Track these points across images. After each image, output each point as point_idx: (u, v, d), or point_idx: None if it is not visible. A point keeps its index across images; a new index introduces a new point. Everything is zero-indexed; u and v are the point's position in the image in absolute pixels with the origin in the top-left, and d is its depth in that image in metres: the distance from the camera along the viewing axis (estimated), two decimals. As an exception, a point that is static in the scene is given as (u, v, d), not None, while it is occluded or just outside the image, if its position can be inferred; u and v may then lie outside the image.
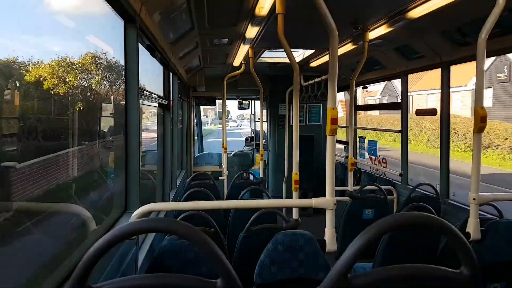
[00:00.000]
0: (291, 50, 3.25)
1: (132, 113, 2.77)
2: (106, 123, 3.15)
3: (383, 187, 4.95)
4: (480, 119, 2.80)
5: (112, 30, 2.75)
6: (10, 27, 1.70)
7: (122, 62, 2.74)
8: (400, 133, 5.76)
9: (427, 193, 4.84)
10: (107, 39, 2.89)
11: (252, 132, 11.32)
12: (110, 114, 3.14)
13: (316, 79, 6.97)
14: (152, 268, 2.65)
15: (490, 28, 2.72)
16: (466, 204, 4.21)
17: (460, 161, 13.99)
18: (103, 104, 3.01)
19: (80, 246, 2.11)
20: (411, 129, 24.52)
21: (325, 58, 6.00)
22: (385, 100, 35.38)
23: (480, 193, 2.87)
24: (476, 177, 2.87)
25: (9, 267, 1.58)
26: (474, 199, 2.88)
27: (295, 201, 3.30)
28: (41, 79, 1.87)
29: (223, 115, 7.22)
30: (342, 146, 8.23)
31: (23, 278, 1.65)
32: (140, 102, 2.93)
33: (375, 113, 32.39)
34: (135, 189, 2.81)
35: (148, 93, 3.59)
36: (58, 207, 2.19)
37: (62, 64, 2.11)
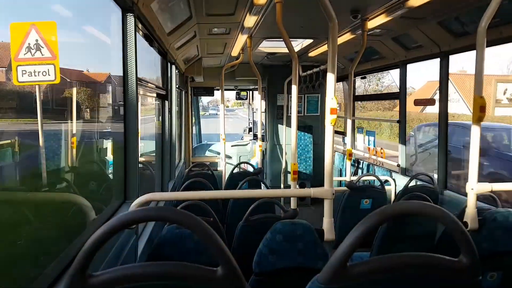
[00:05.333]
0: (290, 39, 3.23)
1: (131, 103, 2.76)
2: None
3: (380, 177, 4.97)
4: (480, 108, 2.79)
5: (110, 19, 2.73)
6: (4, 16, 1.68)
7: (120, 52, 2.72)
8: (398, 123, 5.78)
9: (425, 183, 4.86)
10: (104, 29, 2.87)
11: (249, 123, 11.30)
12: (108, 104, 3.14)
13: (315, 69, 6.94)
14: (151, 257, 2.66)
15: (491, 17, 2.70)
16: (463, 193, 4.24)
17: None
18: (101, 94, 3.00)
19: (80, 235, 2.12)
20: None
21: (324, 48, 5.97)
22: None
23: (478, 183, 2.89)
24: (474, 167, 2.88)
25: (10, 256, 1.58)
26: (472, 188, 2.89)
27: (294, 191, 3.31)
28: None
29: (222, 106, 7.21)
30: (340, 137, 8.23)
31: (24, 267, 1.66)
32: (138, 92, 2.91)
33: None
34: (134, 179, 2.81)
35: (146, 82, 3.58)
36: (57, 196, 2.19)
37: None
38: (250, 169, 6.31)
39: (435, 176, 4.82)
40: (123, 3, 2.60)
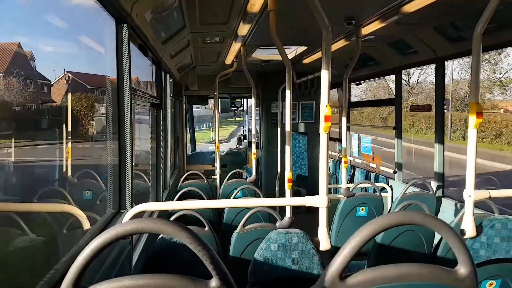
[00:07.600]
0: (284, 47, 3.24)
1: (125, 113, 2.75)
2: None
3: (377, 184, 4.96)
4: (476, 114, 2.79)
5: (103, 30, 2.73)
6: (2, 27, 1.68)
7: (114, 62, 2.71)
8: (394, 129, 5.80)
9: (422, 190, 4.86)
10: (98, 39, 2.87)
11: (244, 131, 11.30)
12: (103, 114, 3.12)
13: (309, 76, 6.96)
14: (146, 268, 2.63)
15: (486, 21, 2.68)
16: (461, 200, 4.23)
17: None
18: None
19: (74, 247, 2.10)
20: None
21: (318, 55, 5.99)
22: None
23: (475, 190, 2.87)
24: (471, 174, 2.87)
25: (2, 267, 1.56)
26: (469, 195, 2.87)
27: (288, 199, 3.29)
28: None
29: (215, 114, 7.20)
30: (335, 144, 8.24)
31: (16, 279, 1.63)
32: (133, 102, 2.90)
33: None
34: (128, 189, 2.79)
35: (141, 92, 3.57)
36: (51, 207, 2.17)
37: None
38: (245, 177, 6.30)
39: (432, 183, 4.82)
40: (117, 14, 2.60)
